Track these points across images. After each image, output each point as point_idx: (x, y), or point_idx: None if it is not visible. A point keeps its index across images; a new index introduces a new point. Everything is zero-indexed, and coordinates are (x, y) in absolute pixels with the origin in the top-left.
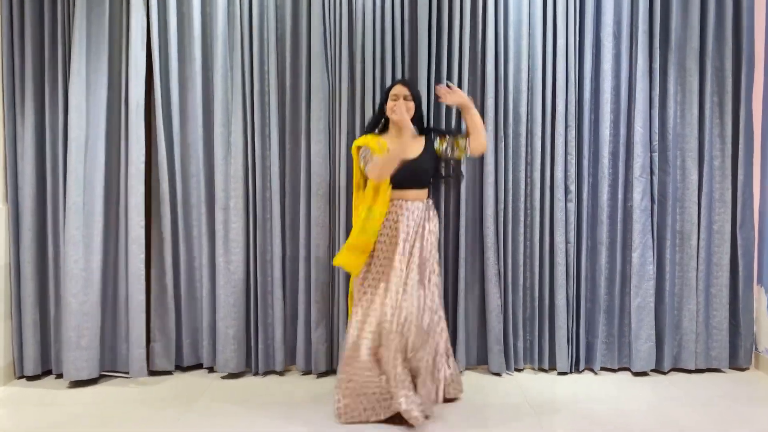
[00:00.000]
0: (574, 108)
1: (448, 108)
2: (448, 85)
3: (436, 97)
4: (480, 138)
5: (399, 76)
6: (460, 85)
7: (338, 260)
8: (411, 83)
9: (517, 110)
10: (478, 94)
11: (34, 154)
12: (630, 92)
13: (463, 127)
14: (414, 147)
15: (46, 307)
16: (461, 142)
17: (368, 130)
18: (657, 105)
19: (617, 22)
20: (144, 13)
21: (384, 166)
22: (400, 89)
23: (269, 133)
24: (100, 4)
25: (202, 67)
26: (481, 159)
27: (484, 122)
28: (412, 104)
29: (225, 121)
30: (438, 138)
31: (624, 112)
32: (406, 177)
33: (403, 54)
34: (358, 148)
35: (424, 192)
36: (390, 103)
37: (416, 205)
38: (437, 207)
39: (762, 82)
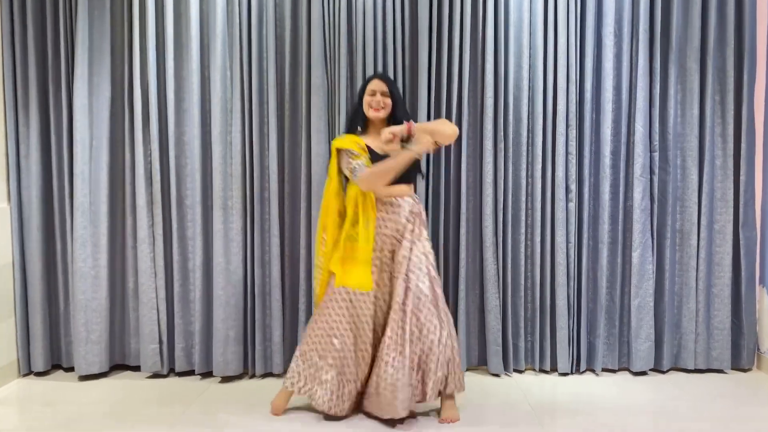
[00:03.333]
0: (574, 107)
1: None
2: (391, 134)
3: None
4: (443, 133)
5: (400, 75)
6: (460, 85)
7: (353, 281)
8: (388, 78)
9: (517, 109)
10: (478, 94)
11: (39, 155)
12: (631, 91)
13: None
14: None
15: (54, 304)
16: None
17: (348, 128)
18: (658, 104)
19: (618, 21)
20: (144, 14)
21: (383, 175)
22: (377, 84)
23: (268, 132)
24: (102, 7)
25: (199, 66)
26: (481, 158)
27: (483, 122)
28: (389, 100)
29: (223, 121)
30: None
31: (625, 112)
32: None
33: (403, 53)
34: (339, 150)
35: (410, 188)
36: (367, 98)
37: (406, 201)
38: (437, 207)
39: (764, 81)
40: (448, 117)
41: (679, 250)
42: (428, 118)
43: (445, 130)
